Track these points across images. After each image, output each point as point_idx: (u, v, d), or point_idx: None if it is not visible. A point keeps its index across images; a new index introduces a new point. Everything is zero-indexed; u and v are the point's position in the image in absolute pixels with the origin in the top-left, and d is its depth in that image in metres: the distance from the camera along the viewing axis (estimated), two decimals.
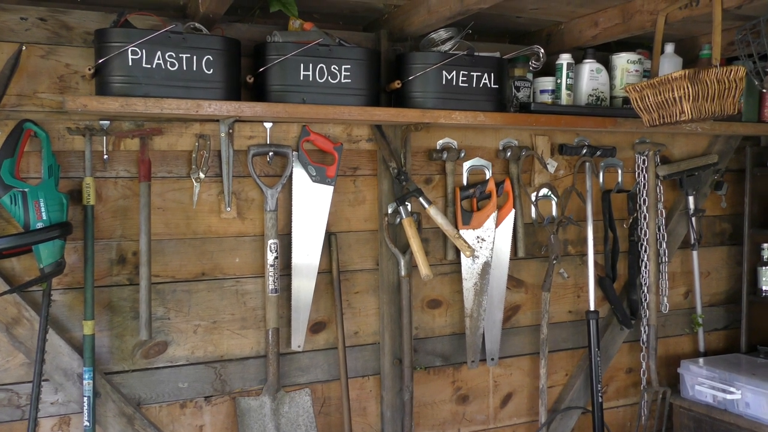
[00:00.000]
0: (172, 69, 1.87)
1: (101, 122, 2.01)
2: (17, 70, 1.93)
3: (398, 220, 2.36)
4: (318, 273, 2.30)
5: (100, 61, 1.83)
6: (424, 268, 2.27)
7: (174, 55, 1.87)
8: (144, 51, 1.84)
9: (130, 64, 1.83)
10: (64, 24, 2.01)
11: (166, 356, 2.17)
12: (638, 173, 2.84)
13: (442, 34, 2.24)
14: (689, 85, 1.88)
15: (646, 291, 2.82)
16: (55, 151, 1.99)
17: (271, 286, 2.21)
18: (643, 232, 2.81)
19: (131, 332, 2.12)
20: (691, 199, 2.91)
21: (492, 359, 2.60)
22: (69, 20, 2.01)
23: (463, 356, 2.57)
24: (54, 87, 2.00)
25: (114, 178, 2.08)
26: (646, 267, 2.81)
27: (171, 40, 1.86)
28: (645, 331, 2.82)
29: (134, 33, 1.84)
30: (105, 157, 2.03)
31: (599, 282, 2.77)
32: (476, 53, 2.25)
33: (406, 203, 2.33)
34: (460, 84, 2.21)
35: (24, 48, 1.95)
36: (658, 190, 2.83)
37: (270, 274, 2.20)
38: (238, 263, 2.25)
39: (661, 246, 2.84)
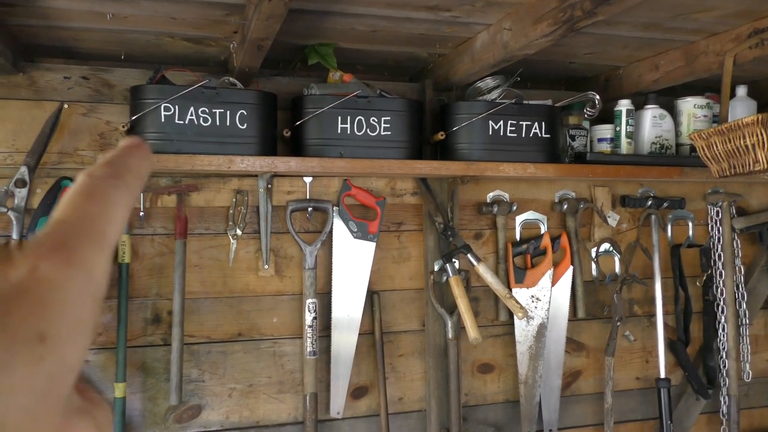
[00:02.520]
0: (205, 125, 1.83)
1: None
2: (58, 128, 1.94)
3: (445, 278, 2.22)
4: (359, 334, 2.18)
5: (134, 117, 1.81)
6: (472, 331, 2.10)
7: (207, 111, 1.83)
8: (177, 107, 1.81)
9: (163, 120, 1.80)
10: (105, 82, 2.02)
11: (199, 421, 2.08)
12: (711, 226, 2.60)
13: (489, 82, 2.13)
14: (763, 132, 1.69)
15: (724, 356, 2.54)
16: None
17: (309, 348, 2.09)
18: (719, 290, 2.55)
19: (164, 395, 2.04)
20: None
21: (550, 430, 2.38)
22: (111, 78, 2.02)
23: (517, 426, 2.36)
24: (94, 144, 2.00)
25: (150, 235, 2.04)
26: (723, 330, 2.55)
27: (204, 96, 1.82)
28: (725, 402, 2.53)
29: (166, 89, 1.82)
30: (141, 214, 2.00)
31: (670, 346, 2.52)
32: (525, 101, 2.12)
33: (453, 260, 2.20)
34: (509, 134, 2.08)
35: (66, 106, 1.96)
36: (734, 245, 2.58)
37: (308, 335, 2.10)
38: (275, 323, 2.15)
39: (740, 306, 2.57)
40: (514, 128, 2.09)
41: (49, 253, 0.25)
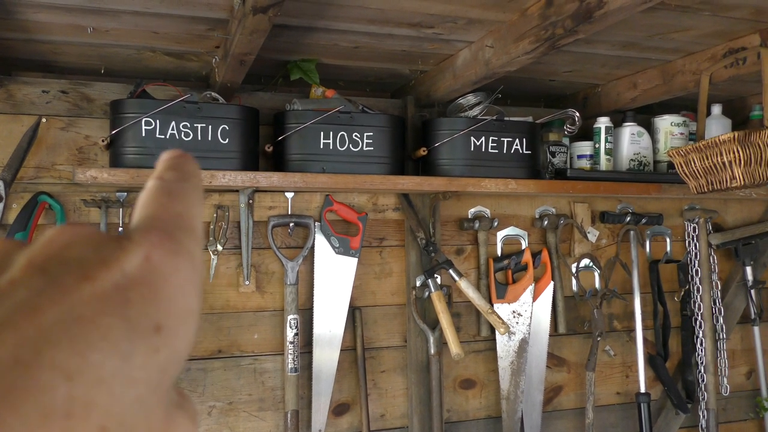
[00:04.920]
0: (186, 139, 1.81)
1: (117, 194, 1.96)
2: (35, 143, 1.91)
3: (426, 293, 2.22)
4: (341, 350, 2.16)
5: (114, 132, 1.79)
6: (454, 346, 2.10)
7: (189, 125, 1.82)
8: (158, 121, 1.79)
9: (144, 134, 1.78)
10: (85, 96, 2.00)
11: None
12: (689, 242, 2.64)
13: (471, 98, 2.15)
14: (739, 149, 1.72)
15: (702, 371, 2.57)
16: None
17: (290, 365, 2.07)
18: (696, 305, 2.58)
19: None
20: (748, 269, 2.68)
21: None
22: (90, 92, 2.00)
23: None
24: (73, 159, 1.97)
25: None
26: (701, 344, 2.57)
27: (186, 110, 1.81)
28: (704, 416, 2.56)
29: (147, 104, 1.80)
30: (120, 229, 1.97)
31: (650, 361, 2.54)
32: (507, 118, 2.14)
33: (435, 276, 2.20)
34: (490, 150, 2.10)
35: (44, 120, 1.94)
36: (711, 260, 2.62)
37: (289, 351, 2.08)
38: (256, 340, 2.13)
39: (717, 321, 2.61)
40: (495, 144, 2.10)
41: (159, 242, 0.25)
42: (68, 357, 0.21)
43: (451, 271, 2.20)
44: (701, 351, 2.57)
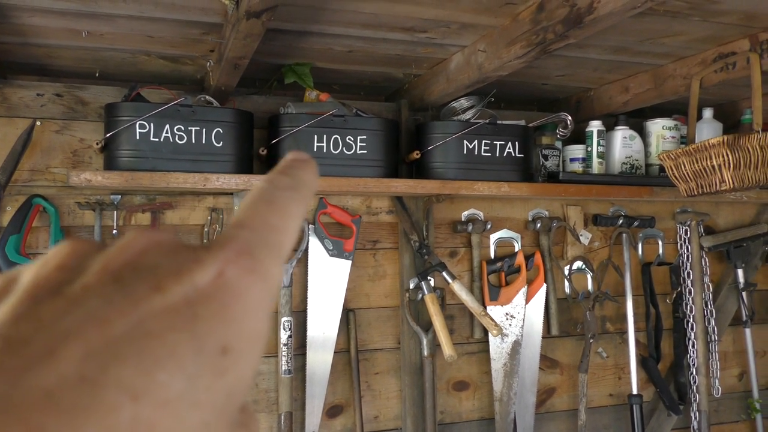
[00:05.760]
0: (180, 142, 1.82)
1: (112, 197, 1.97)
2: (30, 146, 1.92)
3: (420, 296, 2.23)
4: (335, 352, 2.17)
5: (108, 135, 1.80)
6: (447, 348, 2.11)
7: (183, 129, 1.83)
8: (152, 124, 1.80)
9: (138, 137, 1.79)
10: (80, 99, 2.00)
11: None
12: (680, 244, 2.65)
13: (464, 102, 2.17)
14: (729, 153, 1.74)
15: (694, 373, 2.58)
16: (65, 226, 1.95)
17: (284, 367, 2.08)
18: (688, 308, 2.60)
19: None
20: (740, 272, 2.70)
21: None
22: (85, 95, 2.01)
23: None
24: (67, 162, 1.98)
25: None
26: (693, 346, 2.59)
27: (180, 114, 1.82)
28: (696, 418, 2.57)
29: (142, 107, 1.81)
30: (114, 232, 1.98)
31: (642, 363, 2.55)
32: (500, 121, 2.16)
33: (429, 278, 2.21)
34: (483, 153, 2.11)
35: (38, 123, 1.95)
36: (703, 263, 2.64)
37: (283, 353, 2.09)
38: None
39: (709, 323, 2.62)
40: (488, 148, 2.12)
41: (235, 258, 0.23)
42: (135, 375, 0.20)
43: (444, 273, 2.21)
44: (693, 353, 2.59)
